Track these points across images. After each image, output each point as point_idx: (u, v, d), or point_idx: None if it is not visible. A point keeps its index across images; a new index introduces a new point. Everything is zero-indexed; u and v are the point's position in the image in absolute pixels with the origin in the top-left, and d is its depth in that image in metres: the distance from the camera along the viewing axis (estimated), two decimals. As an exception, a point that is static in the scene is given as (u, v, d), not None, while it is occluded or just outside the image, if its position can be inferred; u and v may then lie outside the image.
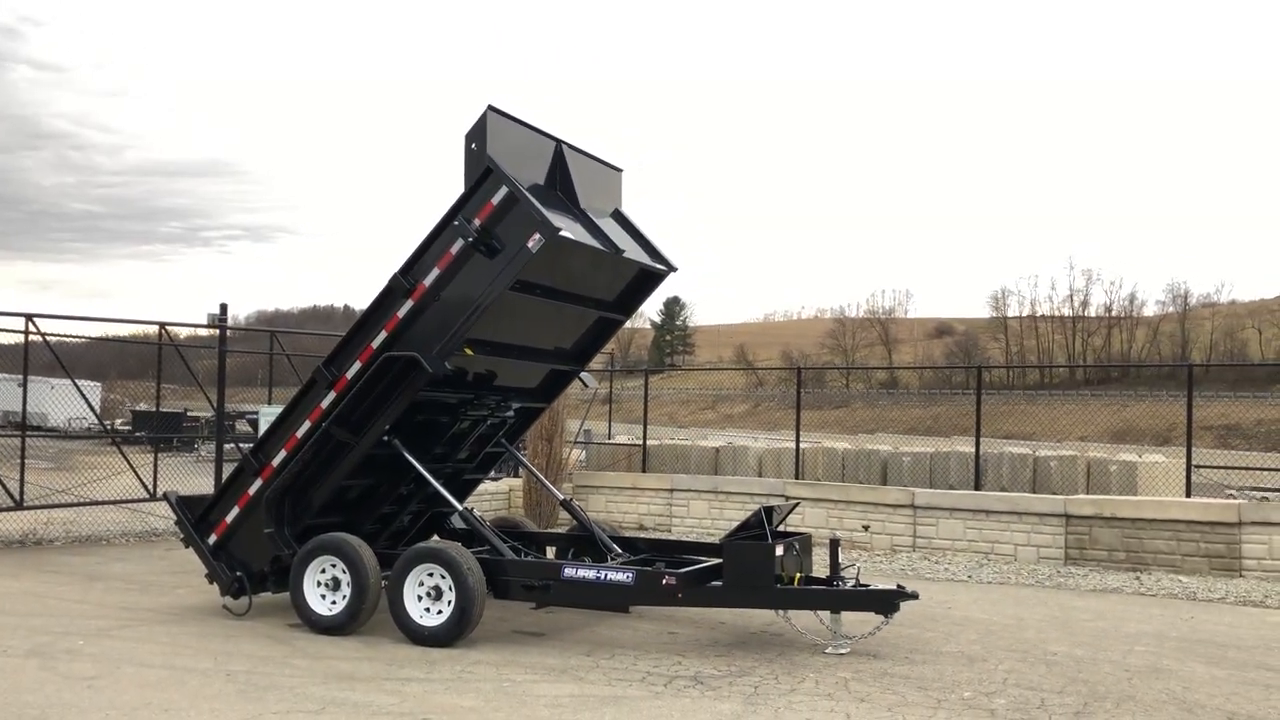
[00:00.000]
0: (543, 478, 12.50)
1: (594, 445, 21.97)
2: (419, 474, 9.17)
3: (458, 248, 8.38)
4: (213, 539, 9.32)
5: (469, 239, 8.27)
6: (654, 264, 9.59)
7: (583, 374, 10.37)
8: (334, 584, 8.59)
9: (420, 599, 8.27)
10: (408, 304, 8.57)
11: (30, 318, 13.77)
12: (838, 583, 8.34)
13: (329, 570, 8.61)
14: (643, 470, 19.06)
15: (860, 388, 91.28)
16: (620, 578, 8.36)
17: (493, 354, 9.08)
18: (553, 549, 10.28)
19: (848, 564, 8.71)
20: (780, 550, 8.27)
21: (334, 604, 8.57)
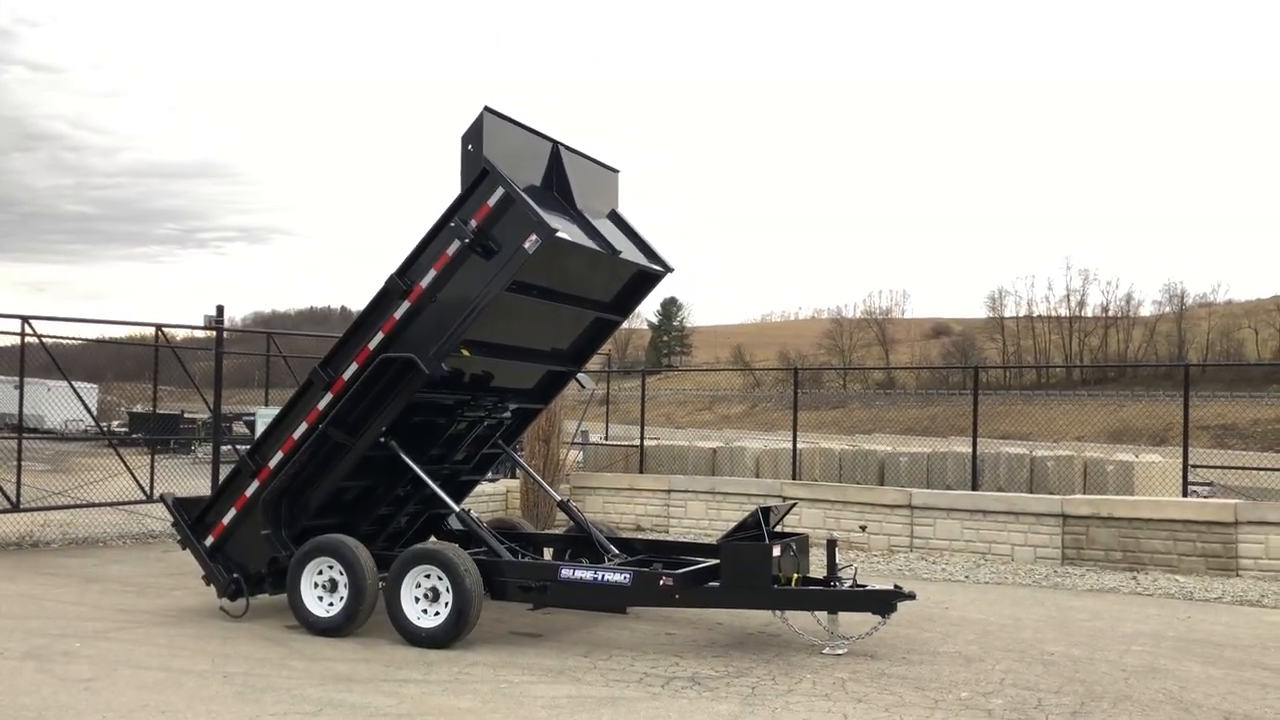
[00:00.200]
0: (540, 479, 12.49)
1: (591, 446, 21.99)
2: (416, 475, 9.17)
3: (454, 249, 8.38)
4: (210, 541, 9.32)
5: (465, 240, 8.27)
6: (651, 265, 9.59)
7: (580, 375, 10.38)
8: (331, 585, 8.59)
9: (417, 600, 8.27)
10: (404, 305, 8.57)
11: (26, 319, 13.76)
12: (835, 583, 8.35)
13: (326, 572, 8.61)
14: (640, 471, 19.06)
15: (857, 388, 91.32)
16: (617, 579, 8.36)
17: (489, 355, 9.08)
18: (550, 550, 10.28)
19: (845, 564, 8.71)
20: (777, 551, 8.28)
21: (331, 605, 8.56)
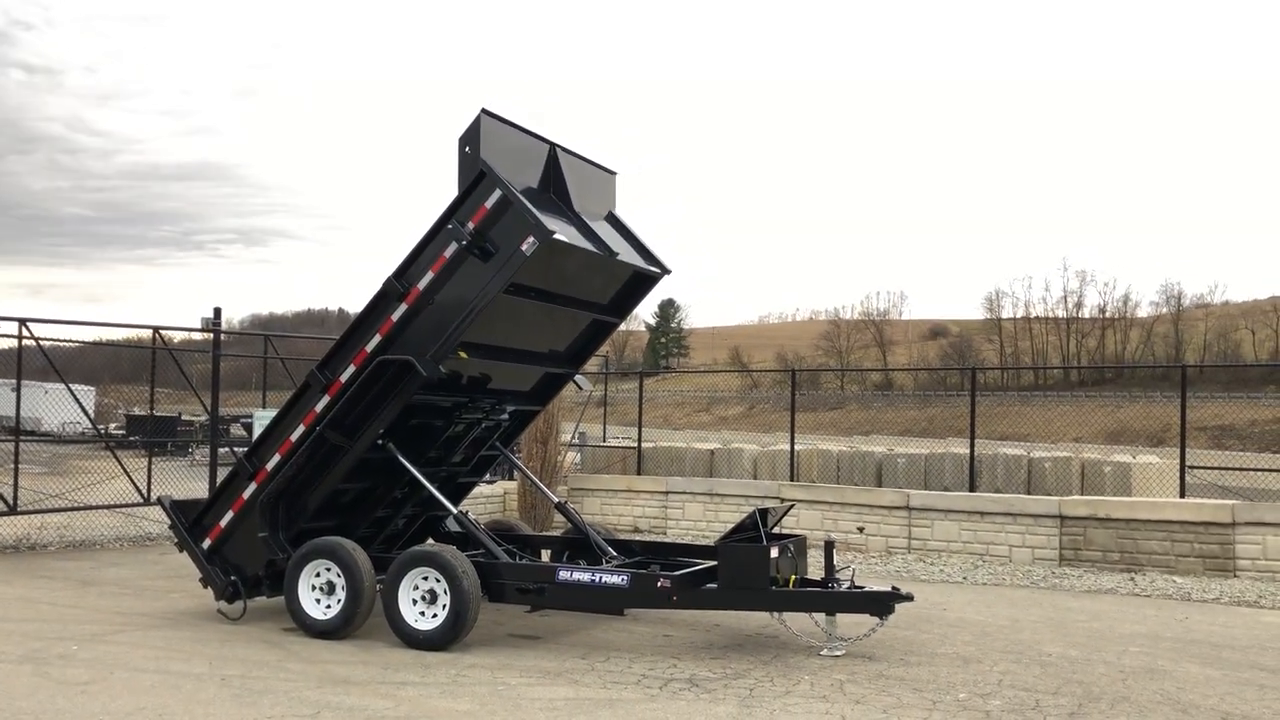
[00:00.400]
0: (537, 481, 12.49)
1: (589, 448, 21.99)
2: (413, 477, 9.17)
3: (451, 251, 8.37)
4: (207, 543, 9.31)
5: (463, 242, 8.26)
6: (648, 266, 9.59)
7: (577, 377, 10.38)
8: (329, 588, 8.58)
9: (415, 603, 8.26)
10: (402, 307, 8.56)
11: (23, 322, 13.74)
12: (833, 585, 8.35)
13: (324, 574, 8.61)
14: (638, 473, 19.05)
15: (855, 389, 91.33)
16: (615, 580, 8.36)
17: (487, 357, 9.08)
18: (547, 552, 10.27)
19: (842, 566, 8.71)
20: (775, 552, 8.27)
21: (329, 608, 8.56)
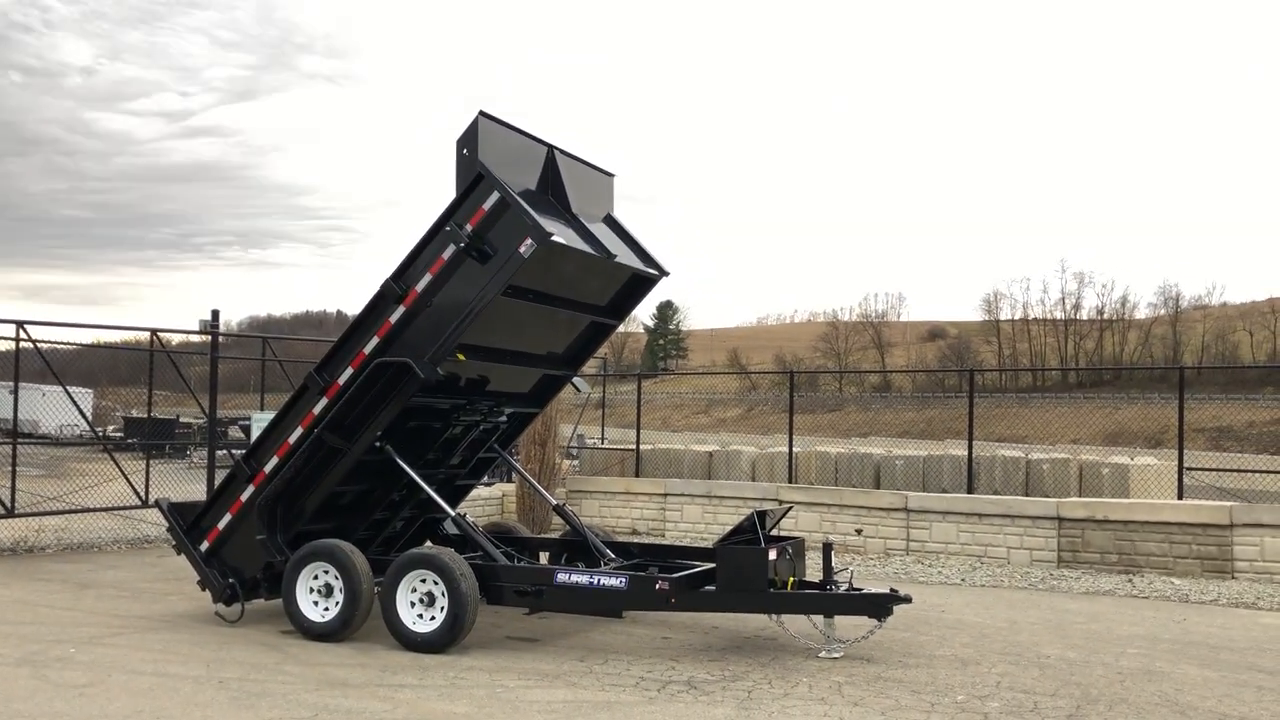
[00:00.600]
0: (535, 483, 12.49)
1: (587, 450, 21.98)
2: (411, 480, 9.17)
3: (449, 253, 8.38)
4: (205, 546, 9.31)
5: (461, 244, 8.27)
6: (646, 268, 9.59)
7: (575, 379, 10.37)
8: (326, 590, 8.58)
9: (413, 605, 8.26)
10: (400, 310, 8.56)
11: (21, 324, 13.73)
12: (831, 587, 8.35)
13: (321, 576, 8.60)
14: (636, 475, 19.05)
15: (853, 391, 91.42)
16: (613, 583, 8.36)
17: (485, 359, 9.08)
18: (546, 554, 10.27)
19: (841, 568, 8.71)
20: (773, 554, 8.27)
21: (327, 610, 8.55)
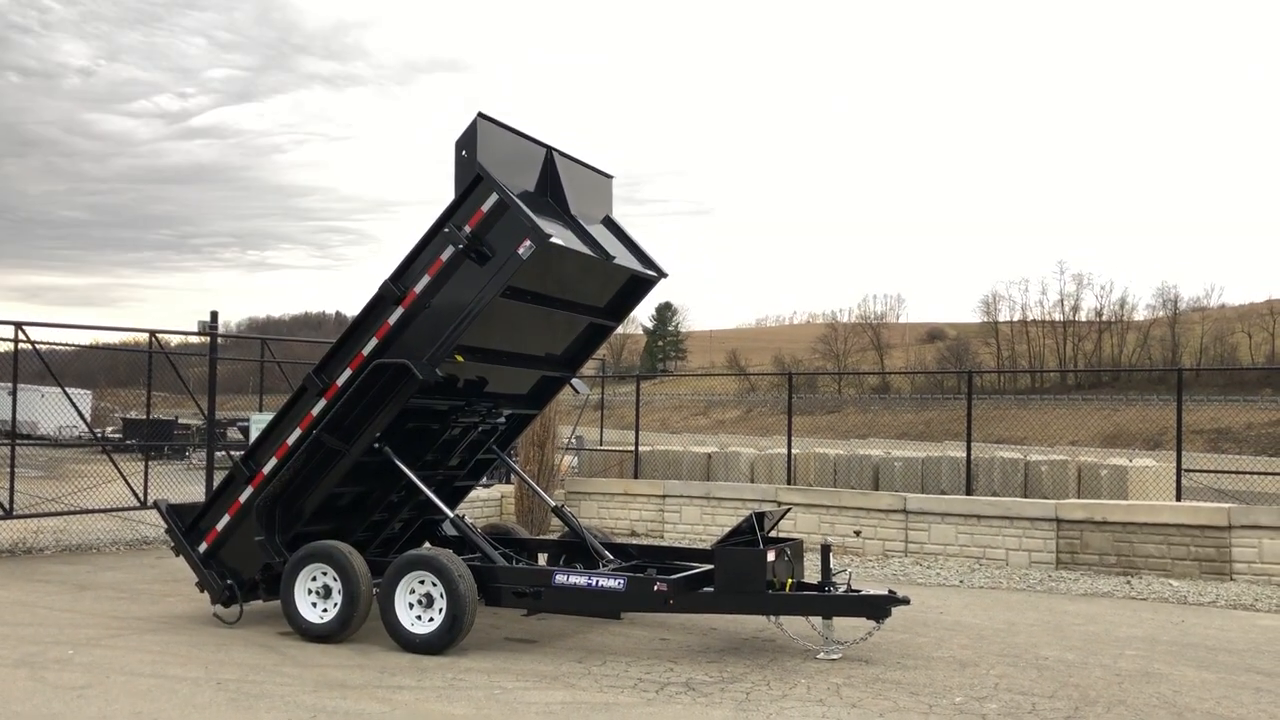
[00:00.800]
0: (534, 484, 12.50)
1: (586, 451, 21.98)
2: (410, 481, 9.17)
3: (448, 255, 8.38)
4: (203, 547, 9.31)
5: (459, 246, 8.27)
6: (644, 270, 9.60)
7: (574, 380, 10.37)
8: (325, 592, 8.57)
9: (411, 606, 8.26)
10: (398, 311, 8.56)
11: (20, 326, 13.73)
12: (829, 588, 8.35)
13: (320, 578, 8.60)
14: (635, 476, 19.05)
15: (852, 393, 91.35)
16: (612, 584, 8.36)
17: (484, 361, 9.08)
18: (544, 555, 10.28)
19: (839, 569, 8.71)
20: (772, 556, 8.28)
21: (325, 612, 8.55)
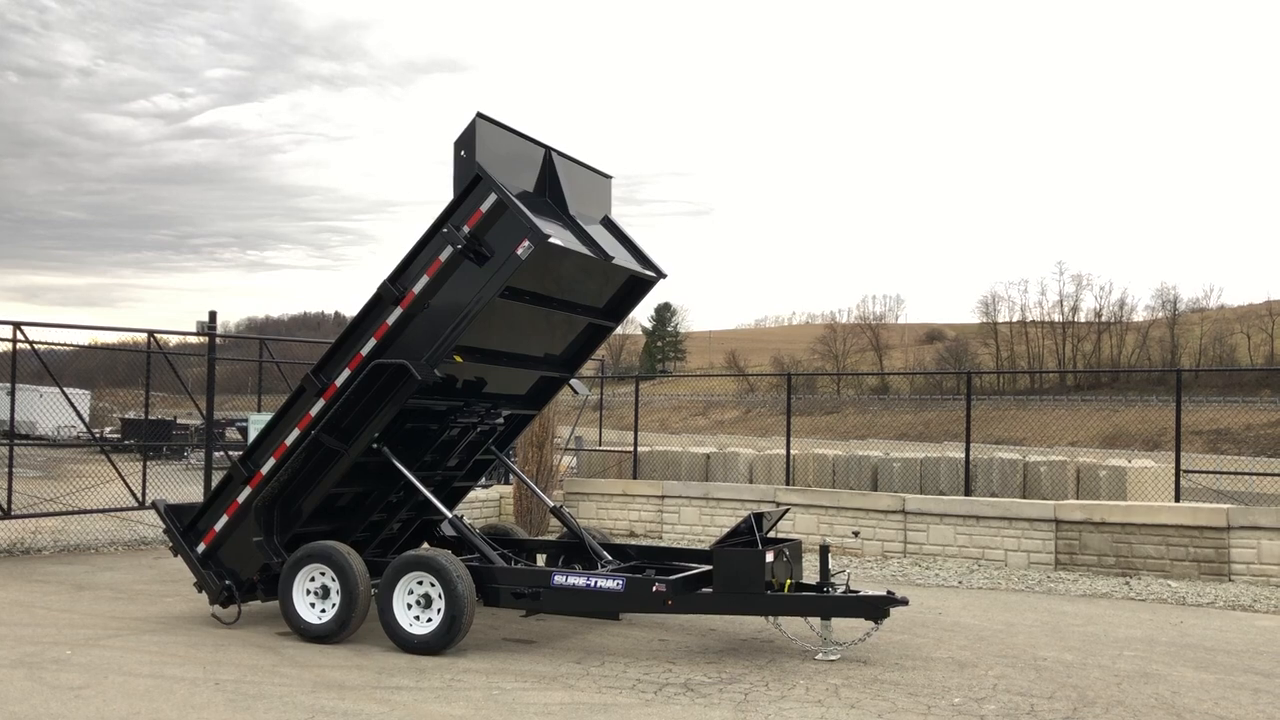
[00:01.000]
0: (533, 485, 12.48)
1: (585, 452, 21.96)
2: (409, 482, 9.17)
3: (446, 255, 8.37)
4: (201, 547, 9.30)
5: (458, 246, 8.26)
6: (643, 270, 9.59)
7: (573, 381, 10.37)
8: (323, 592, 8.57)
9: (410, 607, 8.25)
10: (397, 311, 8.56)
11: (18, 325, 13.72)
12: (828, 589, 8.35)
13: (318, 578, 8.59)
14: (634, 477, 19.04)
15: (851, 393, 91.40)
16: (610, 585, 8.35)
17: (482, 361, 9.07)
18: (543, 556, 10.27)
19: (838, 570, 8.71)
20: (770, 557, 8.27)
21: (323, 612, 8.54)
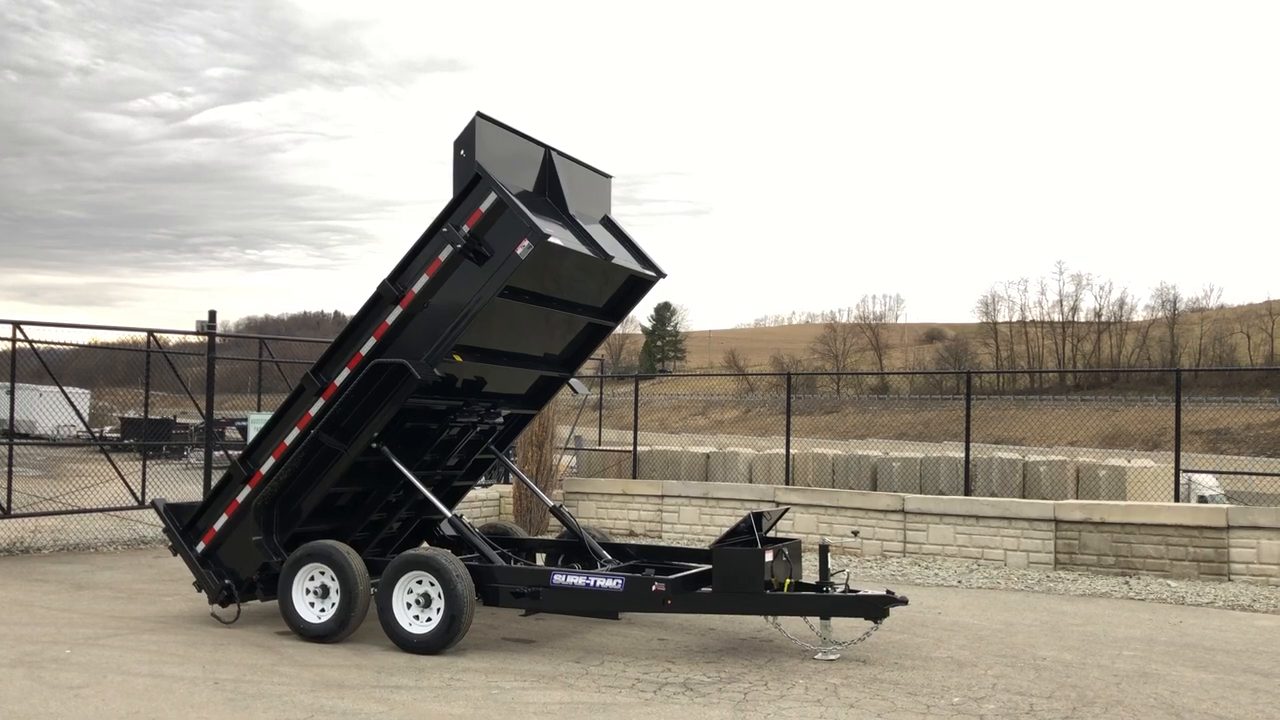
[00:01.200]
0: (533, 484, 12.49)
1: (584, 451, 21.97)
2: (408, 481, 9.17)
3: (446, 254, 8.37)
4: (201, 547, 9.30)
5: (457, 245, 8.26)
6: (643, 270, 9.59)
7: (573, 380, 10.37)
8: (323, 591, 8.57)
9: (409, 606, 8.25)
10: (396, 311, 8.56)
11: (18, 325, 13.72)
12: (827, 588, 8.35)
13: (318, 578, 8.59)
14: (633, 476, 19.05)
15: (851, 393, 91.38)
16: (610, 584, 8.35)
17: (482, 360, 9.07)
18: (542, 555, 10.27)
19: (837, 569, 8.72)
20: (770, 556, 8.28)
21: (323, 611, 8.55)
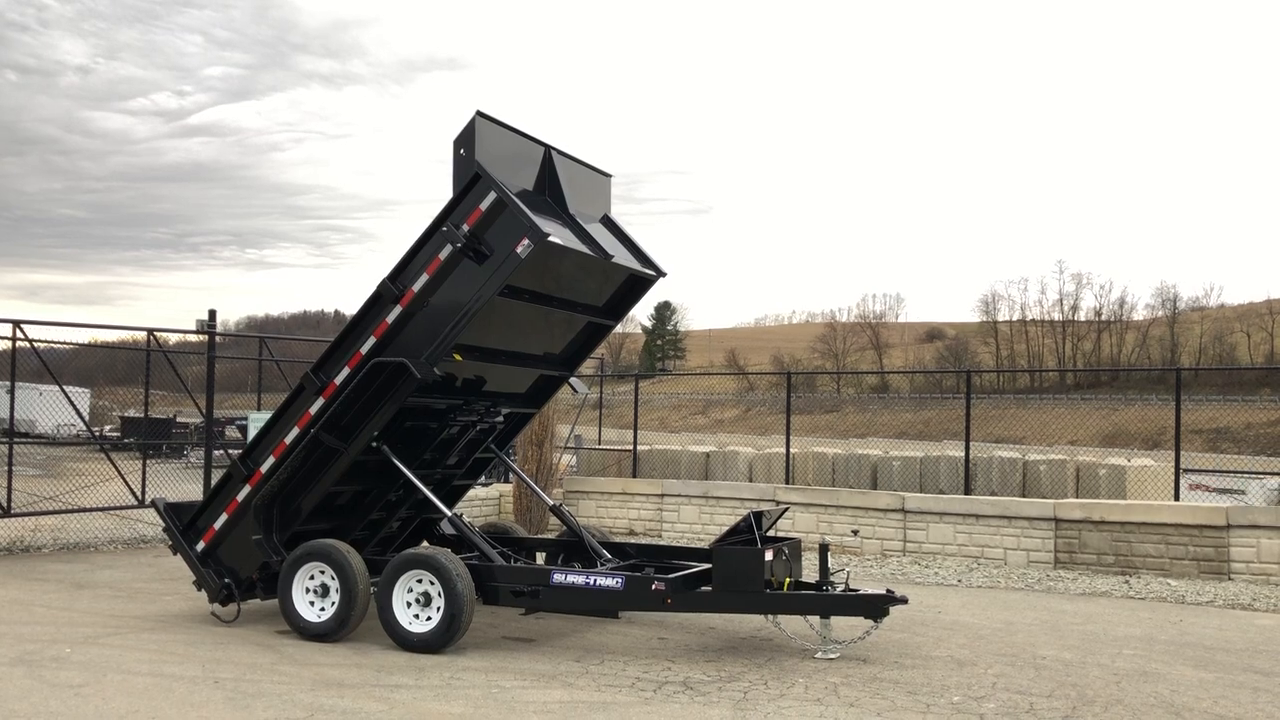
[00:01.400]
0: (533, 483, 12.49)
1: (584, 450, 21.98)
2: (408, 480, 9.17)
3: (446, 253, 8.37)
4: (201, 546, 9.30)
5: (457, 245, 8.26)
6: (643, 269, 9.59)
7: (572, 379, 10.37)
8: (323, 590, 8.57)
9: (409, 605, 8.25)
10: (396, 310, 8.55)
11: (18, 324, 13.72)
12: (827, 587, 8.35)
13: (318, 577, 8.59)
14: (633, 475, 19.05)
15: (851, 392, 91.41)
16: (609, 583, 8.35)
17: (482, 359, 9.07)
18: (542, 555, 10.27)
19: (837, 569, 8.72)
20: (769, 555, 8.27)
21: (323, 610, 8.55)
